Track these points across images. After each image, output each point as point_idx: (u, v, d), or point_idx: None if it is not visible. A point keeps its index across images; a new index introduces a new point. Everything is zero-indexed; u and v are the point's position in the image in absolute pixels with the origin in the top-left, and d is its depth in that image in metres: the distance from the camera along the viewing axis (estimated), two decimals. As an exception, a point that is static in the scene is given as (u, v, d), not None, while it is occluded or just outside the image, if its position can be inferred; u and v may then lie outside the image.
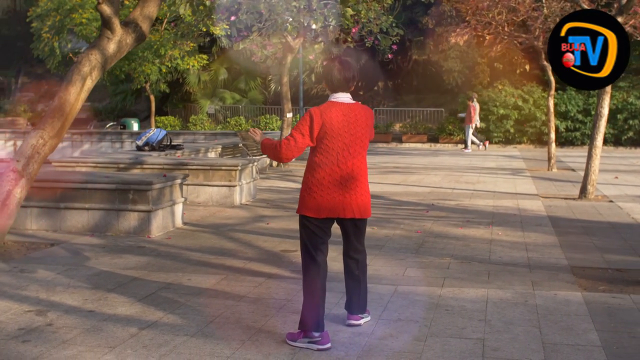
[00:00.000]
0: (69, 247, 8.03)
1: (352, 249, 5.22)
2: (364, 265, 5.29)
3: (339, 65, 5.00)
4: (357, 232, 5.16)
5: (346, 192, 4.92)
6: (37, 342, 4.83)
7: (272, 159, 5.20)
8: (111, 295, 6.03)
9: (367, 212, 5.07)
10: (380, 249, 8.05)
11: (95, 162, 11.73)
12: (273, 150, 5.01)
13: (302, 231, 4.99)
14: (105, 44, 8.90)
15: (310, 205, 4.90)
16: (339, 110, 4.91)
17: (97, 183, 8.81)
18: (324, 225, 4.97)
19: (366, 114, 5.02)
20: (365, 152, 5.06)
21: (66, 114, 8.50)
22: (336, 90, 4.99)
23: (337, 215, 4.95)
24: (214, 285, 6.36)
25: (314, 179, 4.90)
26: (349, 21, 15.68)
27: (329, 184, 4.88)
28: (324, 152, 4.89)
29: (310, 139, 4.89)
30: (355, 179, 4.96)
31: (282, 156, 4.97)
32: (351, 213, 4.97)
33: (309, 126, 4.87)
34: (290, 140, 4.93)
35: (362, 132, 4.97)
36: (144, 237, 8.61)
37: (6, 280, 6.49)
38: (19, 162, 8.15)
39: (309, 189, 4.91)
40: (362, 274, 5.27)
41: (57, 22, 22.55)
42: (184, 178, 9.59)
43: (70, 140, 25.36)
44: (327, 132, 4.86)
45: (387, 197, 12.63)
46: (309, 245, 4.94)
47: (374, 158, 22.26)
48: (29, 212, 8.93)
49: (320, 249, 4.95)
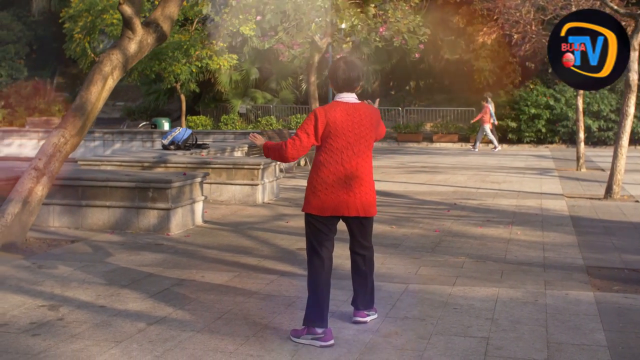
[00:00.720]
0: (88, 244, 8.16)
1: (358, 246, 5.24)
2: (371, 262, 5.30)
3: (344, 65, 5.03)
4: (363, 230, 5.18)
5: (350, 190, 4.94)
6: (46, 336, 4.93)
7: (278, 160, 5.25)
8: (124, 291, 6.12)
9: (371, 211, 5.09)
10: (397, 247, 8.06)
11: (120, 161, 11.88)
12: (278, 150, 5.05)
13: (307, 228, 5.04)
14: (126, 44, 9.02)
15: (314, 204, 4.94)
16: (344, 109, 4.94)
17: (118, 181, 8.93)
18: (329, 222, 5.00)
19: (371, 113, 5.04)
20: (370, 151, 5.08)
21: (87, 113, 8.64)
22: (341, 90, 5.02)
23: (341, 214, 4.98)
24: (227, 282, 6.43)
25: (318, 178, 4.94)
26: (371, 20, 15.68)
27: (333, 182, 4.91)
28: (328, 151, 4.93)
29: (315, 138, 4.93)
30: (359, 177, 4.98)
31: (287, 155, 5.01)
32: (355, 211, 4.99)
33: (314, 125, 4.92)
34: (295, 139, 4.98)
35: (366, 131, 4.99)
36: (163, 234, 8.71)
37: (24, 276, 6.62)
38: (40, 160, 8.30)
39: (313, 188, 4.96)
40: (369, 270, 5.29)
41: (88, 22, 22.83)
42: (204, 177, 9.68)
43: (102, 140, 25.72)
44: (331, 131, 4.89)
45: (411, 196, 12.62)
46: (313, 241, 4.99)
47: (403, 157, 22.25)
48: (51, 210, 9.08)
49: (324, 245, 4.98)
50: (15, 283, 6.35)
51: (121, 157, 12.16)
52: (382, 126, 5.26)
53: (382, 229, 9.16)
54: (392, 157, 22.59)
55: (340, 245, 5.94)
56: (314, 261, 4.97)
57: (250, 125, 33.58)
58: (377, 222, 9.55)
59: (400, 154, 24.54)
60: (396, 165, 19.32)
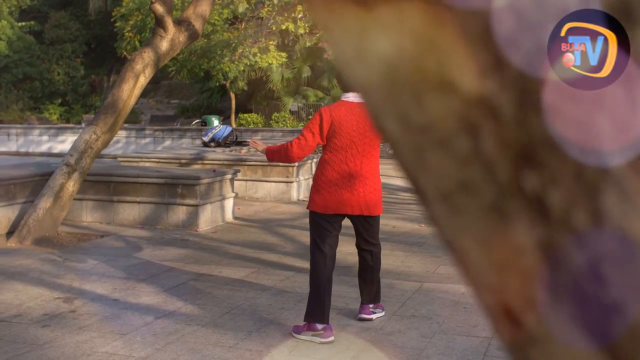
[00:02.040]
0: (116, 238, 8.31)
1: (364, 243, 5.24)
2: (377, 257, 5.30)
3: None
4: (369, 228, 5.18)
5: (354, 189, 4.95)
6: (55, 327, 5.05)
7: (283, 162, 5.31)
8: (140, 285, 6.23)
9: (376, 210, 5.09)
10: (420, 246, 8.02)
11: (158, 158, 12.07)
12: (284, 152, 5.08)
13: (311, 226, 5.08)
14: (158, 42, 9.16)
15: (318, 202, 4.98)
16: (349, 109, 4.95)
17: (148, 177, 9.07)
18: (333, 220, 5.01)
19: None
20: (375, 150, 5.06)
21: (119, 110, 8.80)
22: (347, 90, 5.03)
23: (344, 212, 4.99)
24: (243, 278, 6.49)
25: (323, 177, 4.98)
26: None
27: (337, 181, 4.94)
28: (333, 150, 4.95)
29: (320, 137, 4.97)
30: (364, 176, 4.98)
31: (293, 155, 5.05)
32: (359, 210, 5.00)
33: (319, 125, 4.95)
34: (301, 139, 5.02)
35: (371, 131, 4.99)
36: (192, 230, 8.82)
37: (48, 269, 6.79)
38: (72, 156, 8.50)
39: (317, 186, 5.00)
40: (375, 265, 5.28)
41: (139, 21, 23.24)
42: (234, 174, 9.77)
43: (153, 137, 26.11)
44: (335, 130, 4.91)
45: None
46: (317, 239, 5.01)
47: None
48: (84, 205, 9.28)
49: (327, 243, 4.99)
50: (37, 275, 6.51)
51: (159, 154, 12.35)
52: None
53: (410, 227, 9.13)
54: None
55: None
56: (316, 258, 4.99)
57: (301, 123, 33.68)
58: (407, 220, 9.57)
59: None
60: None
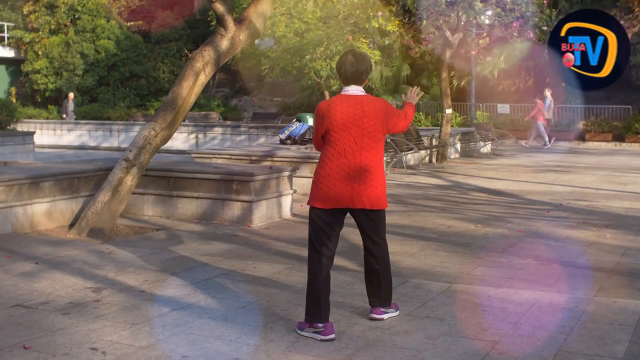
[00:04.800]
0: (169, 232, 8.55)
1: (369, 243, 5.20)
2: (384, 260, 5.24)
3: (353, 58, 5.03)
4: (372, 225, 5.13)
5: (354, 183, 4.93)
6: (74, 315, 5.27)
7: None
8: (171, 278, 6.40)
9: (380, 204, 5.05)
10: (467, 246, 7.88)
11: (230, 154, 12.32)
12: None
13: (310, 225, 5.07)
14: (218, 41, 9.34)
15: (317, 196, 4.99)
16: (347, 102, 4.95)
17: (205, 173, 9.28)
18: (333, 217, 5.01)
19: (376, 106, 5.00)
20: (378, 144, 5.02)
21: (178, 107, 9.01)
22: (348, 83, 5.03)
23: (345, 206, 4.97)
24: (273, 274, 6.56)
25: (322, 171, 4.99)
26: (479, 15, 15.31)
27: (336, 175, 4.93)
28: (332, 144, 4.96)
29: (321, 134, 5.05)
30: (365, 170, 4.95)
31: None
32: (361, 204, 4.97)
33: (320, 122, 5.01)
34: (313, 135, 5.17)
35: (372, 124, 4.96)
36: (245, 226, 8.97)
37: (91, 260, 7.06)
38: (131, 152, 8.77)
39: (317, 181, 5.01)
40: (382, 269, 5.22)
41: (235, 20, 23.66)
42: (292, 171, 9.86)
43: (248, 134, 26.63)
44: (332, 124, 4.93)
45: (520, 195, 12.23)
46: (314, 239, 5.01)
47: (543, 156, 21.53)
48: (146, 199, 9.58)
49: (325, 244, 4.99)
50: (79, 266, 6.79)
51: (232, 150, 12.60)
52: (397, 118, 5.17)
53: (466, 227, 8.99)
54: (533, 155, 21.89)
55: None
56: (313, 259, 4.99)
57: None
58: (465, 221, 9.42)
59: (543, 152, 23.74)
60: (529, 164, 18.73)
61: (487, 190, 12.90)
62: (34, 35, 35.25)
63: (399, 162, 16.84)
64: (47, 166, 9.62)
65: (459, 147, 21.51)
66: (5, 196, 8.13)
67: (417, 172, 16.46)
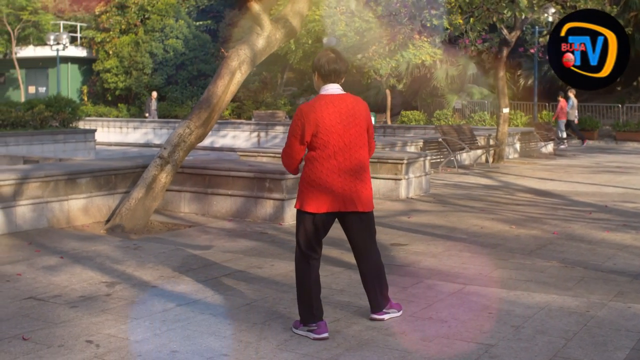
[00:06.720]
0: (201, 229, 8.66)
1: (360, 252, 5.14)
2: (377, 267, 5.17)
3: (334, 55, 4.94)
4: (363, 228, 5.05)
5: (345, 184, 4.88)
6: (81, 309, 5.40)
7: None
8: (186, 274, 6.48)
9: (370, 205, 5.02)
10: (494, 247, 7.76)
11: (274, 153, 12.39)
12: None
13: (298, 229, 4.98)
14: (254, 40, 9.43)
15: (308, 201, 4.89)
16: (332, 103, 4.84)
17: (239, 171, 9.37)
18: (324, 221, 4.93)
19: (358, 104, 4.93)
20: (364, 144, 4.94)
21: (213, 106, 9.11)
22: (326, 81, 4.92)
23: (338, 209, 4.90)
24: (288, 272, 6.57)
25: (312, 174, 4.87)
26: (525, 12, 14.97)
27: (327, 178, 4.84)
28: (321, 147, 4.83)
29: (305, 139, 4.84)
30: (355, 171, 4.91)
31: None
32: (353, 206, 4.92)
33: (300, 128, 4.83)
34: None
35: (356, 122, 4.86)
36: (277, 224, 9.02)
37: (115, 255, 7.22)
38: (165, 149, 8.93)
39: (306, 184, 4.90)
40: (376, 276, 5.15)
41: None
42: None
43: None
44: (319, 126, 4.79)
45: (566, 196, 11.96)
46: (302, 244, 4.94)
47: (606, 157, 20.98)
48: (182, 196, 9.73)
49: (313, 247, 4.94)
50: (101, 261, 6.95)
51: (276, 149, 12.67)
52: (372, 131, 5.09)
53: (499, 228, 8.84)
54: (595, 156, 21.35)
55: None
56: (300, 263, 4.95)
57: (463, 121, 33.17)
58: (500, 222, 9.28)
59: (608, 153, 23.13)
60: (587, 165, 18.29)
61: (533, 191, 12.65)
62: (105, 35, 36.12)
63: (450, 162, 16.66)
64: (84, 163, 9.86)
65: (518, 147, 21.14)
66: (41, 192, 8.37)
67: (469, 172, 16.25)
